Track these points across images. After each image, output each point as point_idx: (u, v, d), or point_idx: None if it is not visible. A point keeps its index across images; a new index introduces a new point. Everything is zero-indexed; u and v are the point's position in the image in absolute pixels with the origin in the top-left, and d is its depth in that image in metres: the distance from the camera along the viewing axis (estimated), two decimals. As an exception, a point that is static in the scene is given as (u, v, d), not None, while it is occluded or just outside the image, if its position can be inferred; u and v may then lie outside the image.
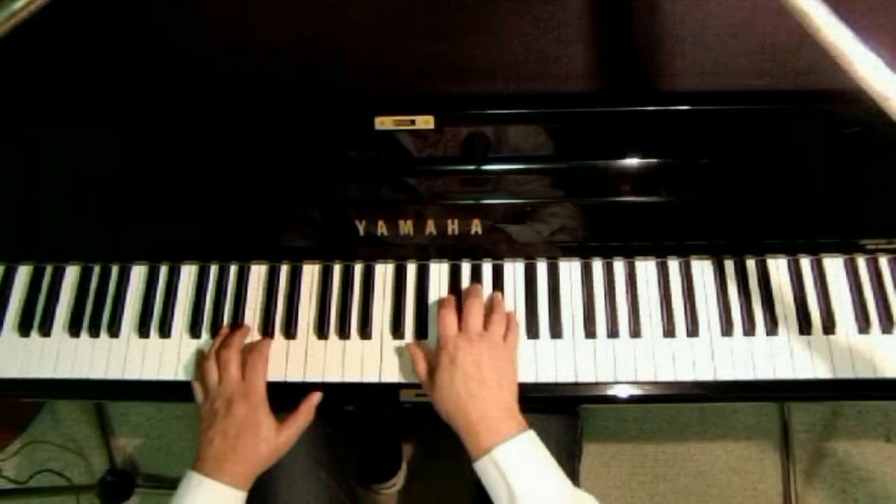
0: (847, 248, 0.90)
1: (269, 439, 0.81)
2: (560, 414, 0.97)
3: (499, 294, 0.90)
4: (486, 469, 0.74)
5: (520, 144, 0.89)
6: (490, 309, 0.87)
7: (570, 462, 0.94)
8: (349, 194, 0.92)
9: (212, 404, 0.82)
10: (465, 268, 0.93)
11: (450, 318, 0.84)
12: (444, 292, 0.92)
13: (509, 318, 0.87)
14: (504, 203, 0.90)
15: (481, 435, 0.75)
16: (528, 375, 0.87)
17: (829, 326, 0.88)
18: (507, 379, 0.81)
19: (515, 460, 0.73)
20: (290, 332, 0.91)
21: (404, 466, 1.44)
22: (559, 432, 0.95)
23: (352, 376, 0.88)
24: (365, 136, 0.89)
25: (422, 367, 0.84)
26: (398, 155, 0.90)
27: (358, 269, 0.94)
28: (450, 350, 0.80)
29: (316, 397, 0.86)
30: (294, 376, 0.89)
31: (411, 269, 0.94)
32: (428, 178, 0.90)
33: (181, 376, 0.90)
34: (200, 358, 0.89)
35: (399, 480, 1.43)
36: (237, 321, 0.92)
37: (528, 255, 0.92)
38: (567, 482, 0.74)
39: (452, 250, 0.92)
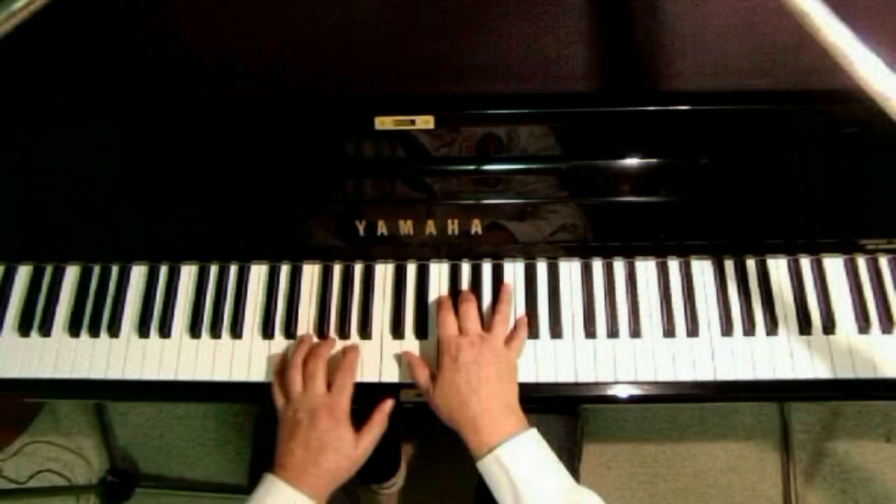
0: (847, 248, 0.90)
1: (350, 455, 0.80)
2: (560, 414, 0.97)
3: (507, 290, 0.90)
4: (490, 468, 0.74)
5: (519, 145, 0.89)
6: (493, 309, 0.87)
7: (570, 462, 0.94)
8: (349, 194, 0.92)
9: (294, 413, 0.81)
10: (465, 268, 0.93)
11: (449, 319, 0.85)
12: (445, 292, 0.92)
13: (518, 324, 0.87)
14: (504, 203, 0.90)
15: (484, 430, 0.75)
16: (528, 375, 0.87)
17: (829, 326, 0.88)
18: (507, 379, 0.81)
19: (520, 459, 0.73)
20: (289, 332, 0.91)
21: (403, 466, 1.44)
22: (559, 432, 0.95)
23: (352, 376, 0.88)
24: (365, 136, 0.89)
25: (422, 373, 0.83)
26: (398, 155, 0.90)
27: (358, 269, 0.94)
28: (451, 351, 0.81)
29: (388, 405, 0.85)
30: (294, 376, 0.89)
31: (411, 269, 0.94)
32: (428, 178, 0.90)
33: (181, 376, 0.90)
34: (280, 362, 0.88)
35: (398, 480, 1.43)
36: (237, 321, 0.92)
37: (528, 255, 0.92)
38: (571, 480, 0.74)
39: (452, 250, 0.92)
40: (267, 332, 0.91)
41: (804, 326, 0.88)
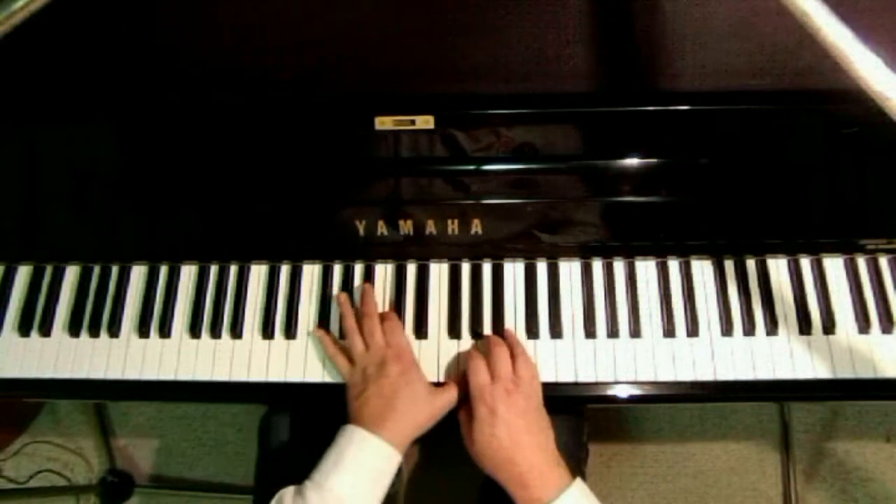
0: (847, 248, 0.90)
1: (426, 398, 0.81)
2: (564, 415, 0.96)
3: (511, 331, 0.89)
4: None
5: (519, 145, 0.89)
6: (513, 352, 0.84)
7: (577, 466, 0.93)
8: (349, 194, 0.92)
9: (363, 371, 0.83)
10: (465, 268, 0.93)
11: (481, 366, 0.82)
12: (444, 292, 0.92)
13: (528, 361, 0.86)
14: (504, 203, 0.90)
15: (532, 486, 0.74)
16: (528, 375, 0.87)
17: (829, 326, 0.88)
18: (546, 425, 0.80)
19: None
20: (290, 332, 0.91)
21: (403, 469, 1.44)
22: (564, 434, 0.93)
23: (352, 376, 0.88)
24: (365, 136, 0.89)
25: (465, 410, 0.82)
26: (398, 155, 0.90)
27: (358, 269, 0.94)
28: (487, 401, 0.79)
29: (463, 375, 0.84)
30: (294, 376, 0.89)
31: (411, 269, 0.94)
32: (428, 178, 0.90)
33: (181, 376, 0.90)
34: (324, 337, 0.89)
35: (398, 483, 1.43)
36: (237, 321, 0.92)
37: (528, 255, 0.92)
38: None
39: (452, 250, 0.92)
40: (267, 332, 0.91)
41: (804, 326, 0.88)
